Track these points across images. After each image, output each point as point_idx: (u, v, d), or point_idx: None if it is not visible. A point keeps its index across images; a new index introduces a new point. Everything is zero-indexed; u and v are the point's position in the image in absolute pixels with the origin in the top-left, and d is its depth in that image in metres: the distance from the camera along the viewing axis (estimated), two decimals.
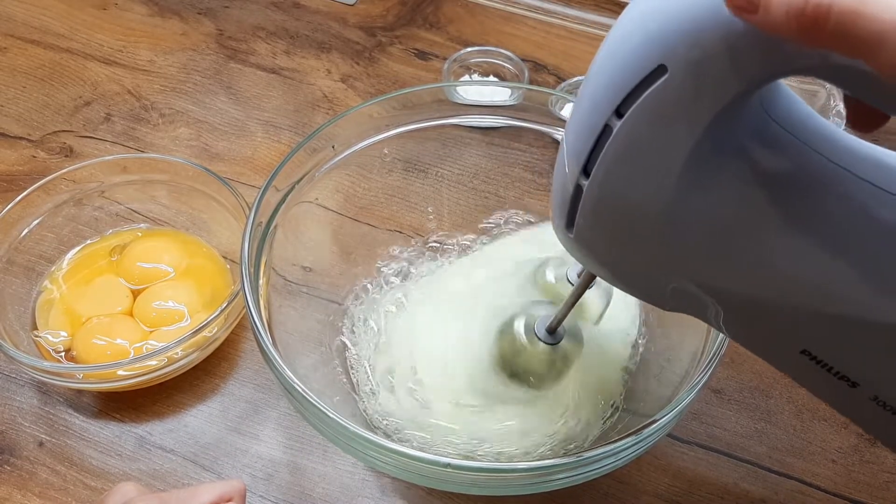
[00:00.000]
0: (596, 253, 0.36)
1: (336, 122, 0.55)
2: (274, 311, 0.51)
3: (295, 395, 0.44)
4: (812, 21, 0.24)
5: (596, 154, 0.32)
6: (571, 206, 0.35)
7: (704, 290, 0.35)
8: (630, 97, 0.30)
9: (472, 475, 0.41)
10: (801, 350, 0.34)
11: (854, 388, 0.34)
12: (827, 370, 0.34)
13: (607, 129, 0.31)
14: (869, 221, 0.31)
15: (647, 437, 0.42)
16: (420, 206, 0.62)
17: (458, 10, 0.84)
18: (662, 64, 0.29)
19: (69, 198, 0.62)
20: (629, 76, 0.30)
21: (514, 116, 0.59)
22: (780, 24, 0.24)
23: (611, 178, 0.32)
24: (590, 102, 0.32)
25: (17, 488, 0.52)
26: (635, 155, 0.31)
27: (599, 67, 0.32)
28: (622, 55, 0.30)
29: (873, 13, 0.23)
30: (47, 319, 0.58)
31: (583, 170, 0.33)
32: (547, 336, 0.48)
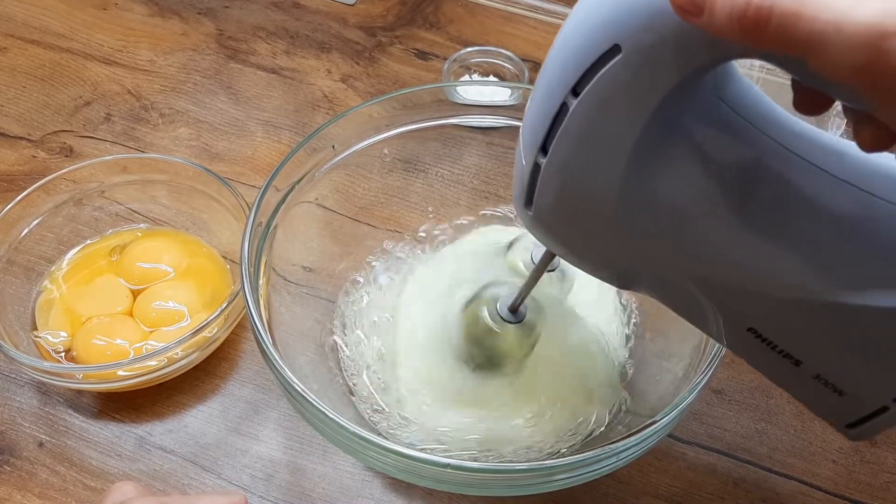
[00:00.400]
0: (553, 231, 0.37)
1: (336, 122, 0.55)
2: (274, 311, 0.51)
3: (295, 396, 0.44)
4: (754, 24, 0.24)
5: (553, 132, 0.33)
6: (530, 184, 0.35)
7: (655, 270, 0.36)
8: (586, 76, 0.31)
9: (471, 475, 0.41)
10: (747, 328, 0.35)
11: (798, 367, 0.35)
12: (772, 348, 0.35)
13: (564, 108, 0.32)
14: (815, 204, 0.32)
15: (647, 437, 0.42)
16: (420, 206, 0.62)
17: (458, 10, 0.84)
18: (617, 44, 0.29)
19: (69, 198, 0.62)
20: (585, 56, 0.30)
21: (514, 116, 0.59)
22: (724, 28, 0.25)
23: (566, 156, 0.33)
24: (548, 81, 0.33)
25: (16, 488, 0.52)
26: (590, 134, 0.32)
27: (558, 47, 0.32)
28: (579, 35, 0.31)
29: (813, 13, 0.23)
30: (47, 320, 0.58)
31: (541, 147, 0.34)
32: (510, 315, 0.48)
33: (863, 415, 0.36)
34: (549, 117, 0.33)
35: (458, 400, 0.51)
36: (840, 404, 0.36)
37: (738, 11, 0.24)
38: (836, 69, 0.23)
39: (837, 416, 0.37)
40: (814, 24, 0.23)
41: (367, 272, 0.59)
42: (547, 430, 0.50)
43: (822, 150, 0.32)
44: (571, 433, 0.51)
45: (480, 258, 0.57)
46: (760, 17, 0.24)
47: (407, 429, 0.51)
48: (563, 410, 0.51)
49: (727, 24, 0.25)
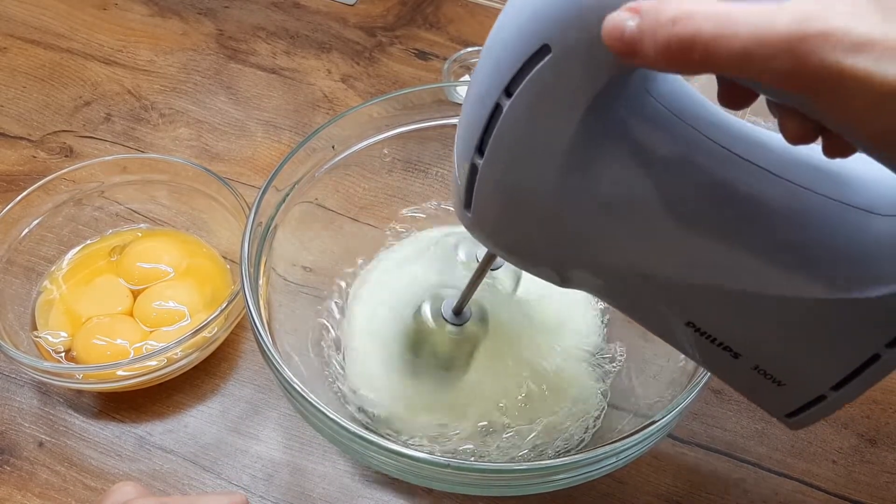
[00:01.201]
0: (492, 232, 0.37)
1: (336, 122, 0.55)
2: (274, 311, 0.51)
3: (294, 396, 0.44)
4: (680, 55, 0.25)
5: (489, 133, 0.33)
6: (468, 186, 0.35)
7: (594, 267, 0.36)
8: (518, 76, 0.31)
9: (471, 475, 0.41)
10: (686, 322, 0.36)
11: (737, 359, 0.36)
12: (710, 341, 0.36)
13: (498, 109, 0.32)
14: (745, 197, 0.32)
15: (647, 437, 0.42)
16: (421, 205, 0.62)
17: (458, 10, 0.84)
18: (546, 44, 0.29)
19: (69, 198, 0.62)
20: (515, 56, 0.30)
21: None
22: (657, 63, 0.26)
23: (502, 156, 0.33)
24: (482, 82, 0.33)
25: (16, 488, 0.52)
26: (524, 134, 0.32)
27: (490, 46, 0.32)
28: (510, 35, 0.31)
29: (733, 33, 0.24)
30: (47, 320, 0.58)
31: (477, 149, 0.34)
32: (453, 317, 0.48)
33: (801, 404, 0.36)
34: (483, 118, 0.33)
35: (418, 404, 0.51)
36: (779, 394, 0.36)
37: (662, 46, 0.25)
38: (764, 78, 0.24)
39: (777, 406, 0.37)
40: (736, 44, 0.24)
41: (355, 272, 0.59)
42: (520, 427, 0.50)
43: (750, 144, 0.32)
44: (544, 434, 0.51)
45: (429, 258, 0.56)
46: (684, 48, 0.25)
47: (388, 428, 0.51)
48: (528, 406, 0.51)
49: (657, 59, 0.25)
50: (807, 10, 0.24)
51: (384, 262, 0.59)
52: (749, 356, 0.36)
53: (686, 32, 0.25)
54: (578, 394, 0.52)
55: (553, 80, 0.30)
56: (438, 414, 0.50)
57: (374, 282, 0.57)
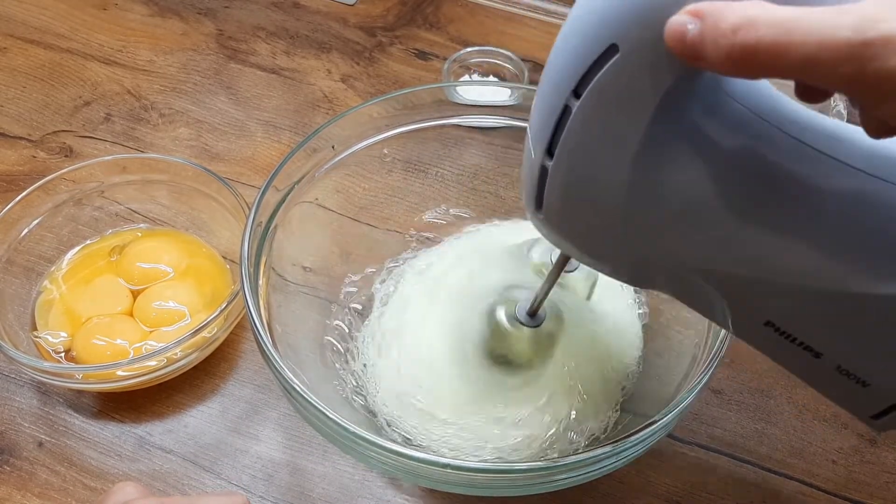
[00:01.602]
0: (564, 233, 0.37)
1: (336, 122, 0.55)
2: (274, 312, 0.51)
3: (294, 396, 0.44)
4: (742, 60, 0.25)
5: (558, 135, 0.33)
6: (539, 188, 0.35)
7: (669, 266, 0.36)
8: (586, 77, 0.31)
9: (471, 475, 0.41)
10: (765, 322, 0.35)
11: (818, 359, 0.35)
12: (791, 341, 0.35)
13: (567, 110, 0.32)
14: (826, 193, 0.32)
15: (647, 437, 0.42)
16: (420, 206, 0.62)
17: (458, 10, 0.84)
18: (614, 44, 0.29)
19: (69, 198, 0.62)
20: (584, 57, 0.30)
21: (514, 116, 0.59)
22: (721, 67, 0.26)
23: (572, 158, 0.33)
24: (550, 84, 0.33)
25: (16, 489, 0.52)
26: (594, 134, 0.32)
27: (558, 49, 0.32)
28: (577, 36, 0.31)
29: (799, 39, 0.24)
30: (47, 320, 0.58)
31: (546, 151, 0.34)
32: (528, 319, 0.48)
33: (888, 405, 0.35)
34: (552, 120, 0.33)
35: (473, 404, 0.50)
36: (864, 395, 0.35)
37: (725, 52, 0.25)
38: (827, 82, 0.25)
39: (862, 407, 0.37)
40: (800, 49, 0.24)
41: (367, 274, 0.59)
42: (559, 433, 0.50)
43: (831, 139, 0.32)
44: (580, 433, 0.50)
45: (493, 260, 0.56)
46: (747, 54, 0.25)
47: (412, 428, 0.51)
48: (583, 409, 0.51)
49: (722, 63, 0.26)
50: (868, 14, 0.24)
51: (430, 262, 0.58)
52: (831, 356, 0.35)
53: (749, 40, 0.25)
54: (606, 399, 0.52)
55: (621, 80, 0.30)
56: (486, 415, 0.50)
57: (426, 282, 0.57)
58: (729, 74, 0.27)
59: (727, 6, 0.25)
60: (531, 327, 0.49)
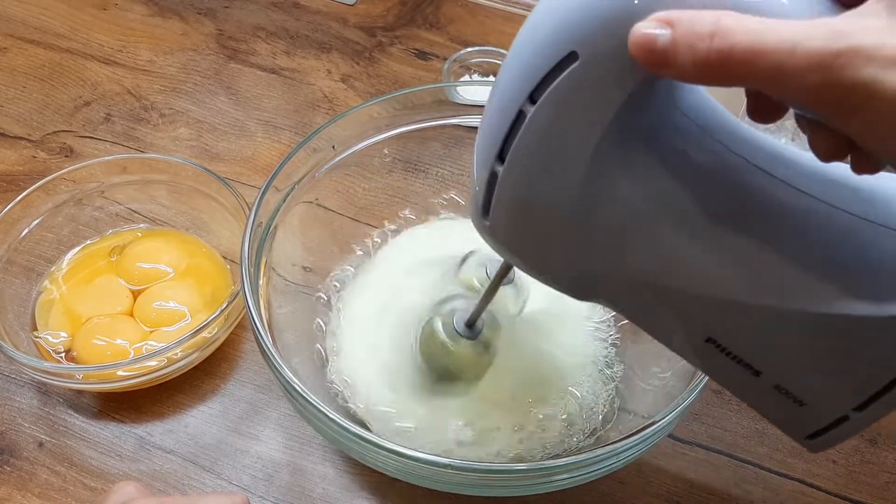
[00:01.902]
0: (510, 240, 0.37)
1: (336, 122, 0.55)
2: (274, 312, 0.51)
3: (295, 396, 0.44)
4: (717, 67, 0.25)
5: (510, 140, 0.32)
6: (487, 193, 0.35)
7: (614, 278, 0.36)
8: (543, 83, 0.30)
9: (471, 475, 0.41)
10: (706, 338, 0.35)
11: (757, 377, 0.35)
12: (731, 358, 0.35)
13: (521, 115, 0.32)
14: (770, 212, 0.32)
15: (647, 437, 0.42)
16: (420, 205, 0.62)
17: (459, 10, 0.84)
18: (574, 51, 0.29)
19: (69, 198, 0.62)
20: (542, 62, 0.30)
21: None
22: (690, 75, 0.26)
23: (524, 164, 0.33)
24: (505, 87, 0.32)
25: (17, 489, 0.52)
26: (548, 141, 0.32)
27: (515, 52, 0.32)
28: (536, 40, 0.31)
29: (770, 46, 0.24)
30: (47, 320, 0.58)
31: (498, 155, 0.33)
32: (466, 331, 0.48)
33: (823, 425, 0.35)
34: (505, 125, 0.32)
35: (427, 410, 0.51)
36: (800, 415, 0.35)
37: (701, 58, 0.25)
38: (794, 92, 0.25)
39: (797, 427, 0.37)
40: (771, 57, 0.24)
41: (349, 268, 0.59)
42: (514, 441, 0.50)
43: (776, 159, 0.32)
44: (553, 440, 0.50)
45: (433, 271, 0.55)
46: (721, 60, 0.25)
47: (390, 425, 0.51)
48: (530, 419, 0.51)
49: (692, 70, 0.26)
50: (839, 27, 0.24)
51: (377, 268, 0.58)
52: (770, 374, 0.35)
53: (724, 46, 0.25)
54: (584, 398, 0.52)
55: (579, 88, 0.30)
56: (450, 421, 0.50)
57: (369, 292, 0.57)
58: (697, 81, 0.27)
59: (699, 14, 0.26)
60: (470, 339, 0.49)
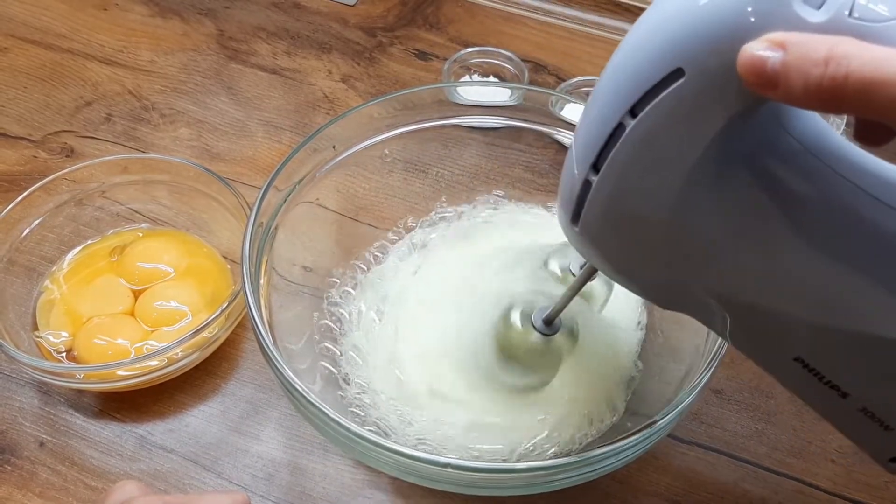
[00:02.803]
0: (599, 248, 0.37)
1: (337, 123, 0.55)
2: (274, 311, 0.51)
3: (296, 396, 0.44)
4: (830, 94, 0.24)
5: (607, 151, 0.32)
6: (578, 201, 0.35)
7: (705, 293, 0.36)
8: (646, 97, 0.30)
9: (471, 475, 0.41)
10: (794, 357, 0.35)
11: (844, 398, 0.35)
12: (818, 379, 0.35)
13: (620, 128, 0.31)
14: (873, 238, 0.31)
15: (647, 437, 0.42)
16: (420, 206, 0.62)
17: (459, 11, 0.84)
18: (680, 67, 0.29)
19: (70, 198, 0.62)
20: (646, 77, 0.30)
21: (514, 117, 0.59)
22: (800, 99, 0.25)
23: (620, 175, 0.33)
24: (605, 99, 0.32)
25: (17, 488, 0.52)
26: (646, 155, 0.32)
27: (617, 65, 0.32)
28: (641, 55, 0.30)
29: (889, 76, 0.23)
30: (48, 320, 0.58)
31: (592, 165, 0.33)
32: (543, 327, 0.48)
33: None
34: (603, 136, 0.32)
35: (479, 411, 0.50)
36: (885, 438, 0.35)
37: (814, 84, 0.25)
38: None
39: (880, 449, 0.37)
40: (891, 88, 0.23)
41: (361, 272, 0.59)
42: (566, 436, 0.50)
43: (886, 184, 0.31)
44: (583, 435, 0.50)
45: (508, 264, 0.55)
46: (836, 87, 0.24)
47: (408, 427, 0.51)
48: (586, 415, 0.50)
49: (804, 96, 0.25)
50: None
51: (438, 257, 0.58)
52: (858, 397, 0.35)
53: (839, 74, 0.24)
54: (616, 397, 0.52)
55: (683, 105, 0.30)
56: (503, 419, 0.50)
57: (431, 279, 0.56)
58: (807, 107, 0.26)
59: (814, 38, 0.25)
60: (547, 335, 0.48)
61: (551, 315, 0.47)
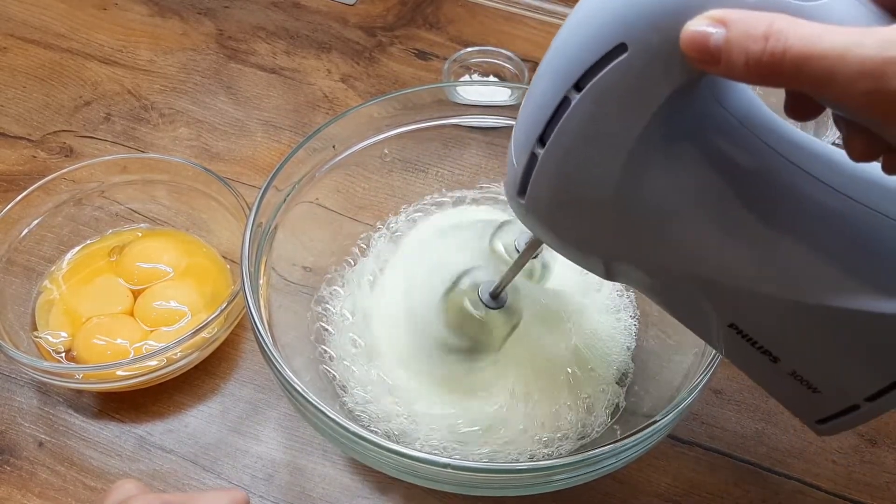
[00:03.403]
0: (544, 220, 0.37)
1: (336, 122, 0.55)
2: (274, 311, 0.51)
3: (295, 396, 0.44)
4: (769, 68, 0.26)
5: (553, 125, 0.33)
6: (524, 174, 0.36)
7: (643, 262, 0.37)
8: (590, 72, 0.31)
9: (470, 475, 0.41)
10: (728, 324, 0.36)
11: (775, 363, 0.36)
12: (751, 344, 0.36)
13: (566, 102, 0.32)
14: (806, 211, 0.33)
15: (647, 437, 0.42)
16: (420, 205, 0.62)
17: (459, 10, 0.84)
18: (623, 42, 0.30)
19: (69, 198, 0.62)
20: (591, 51, 0.31)
21: (515, 116, 0.59)
22: (740, 74, 0.26)
23: (565, 149, 0.34)
24: (551, 74, 0.33)
25: (16, 488, 0.52)
26: (590, 129, 0.33)
27: (563, 40, 0.32)
28: (586, 30, 0.31)
29: (822, 51, 0.25)
30: (47, 320, 0.58)
31: (539, 139, 0.34)
32: (490, 300, 0.49)
33: (834, 412, 0.37)
34: (549, 110, 0.33)
35: (443, 387, 0.51)
36: (813, 401, 0.37)
37: (754, 59, 0.26)
38: (843, 97, 0.25)
39: (809, 411, 0.38)
40: (823, 62, 0.25)
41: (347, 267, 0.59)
42: (536, 414, 0.50)
43: (815, 159, 0.33)
44: (566, 421, 0.50)
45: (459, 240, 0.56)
46: (774, 62, 0.25)
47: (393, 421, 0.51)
48: (549, 391, 0.51)
49: (744, 70, 0.26)
50: (892, 38, 0.24)
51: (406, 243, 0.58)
52: (788, 361, 0.36)
53: (777, 49, 0.25)
54: (594, 388, 0.52)
55: (626, 79, 0.30)
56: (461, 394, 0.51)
57: (397, 263, 0.57)
58: (746, 81, 0.27)
59: (753, 15, 0.26)
60: (495, 308, 0.49)
61: (497, 289, 0.48)
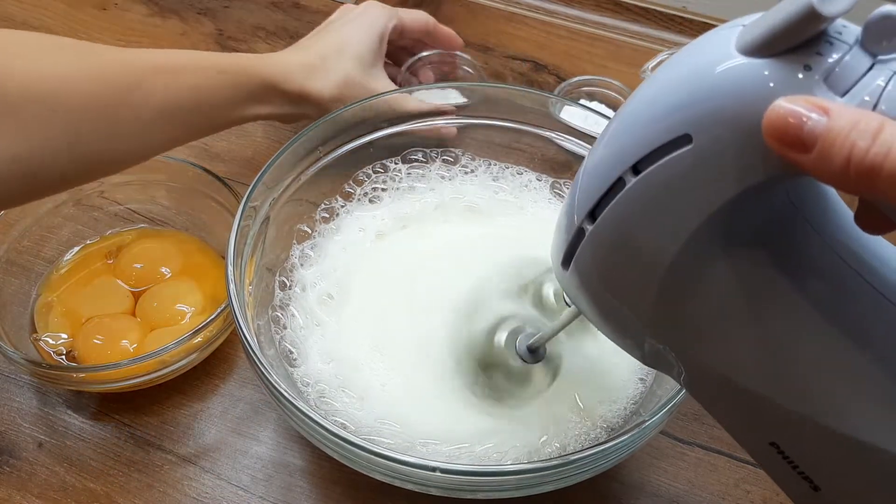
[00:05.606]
0: (586, 294, 0.36)
1: (326, 122, 0.55)
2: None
3: (282, 402, 0.43)
4: (868, 172, 0.22)
5: (605, 202, 0.32)
6: (571, 246, 0.35)
7: (683, 359, 0.35)
8: (649, 157, 0.29)
9: (459, 479, 0.41)
10: (770, 441, 0.34)
11: (816, 492, 0.34)
12: (792, 467, 0.34)
13: (620, 182, 0.31)
14: (878, 340, 0.30)
15: (637, 436, 0.42)
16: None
17: (459, 10, 0.84)
18: (688, 133, 0.28)
19: (68, 198, 0.62)
20: (652, 137, 0.29)
21: (514, 118, 0.59)
22: (833, 171, 0.23)
23: (615, 228, 0.32)
24: (608, 152, 0.32)
25: (16, 489, 0.52)
26: (643, 213, 0.31)
27: (624, 118, 0.31)
28: (649, 115, 0.29)
29: None
30: (47, 320, 0.58)
31: (589, 213, 0.33)
32: (527, 353, 0.47)
33: None
34: (603, 187, 0.31)
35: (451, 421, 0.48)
36: None
37: (858, 157, 0.22)
38: None
39: None
40: None
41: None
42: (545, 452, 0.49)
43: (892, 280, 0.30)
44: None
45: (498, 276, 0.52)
46: (875, 166, 0.22)
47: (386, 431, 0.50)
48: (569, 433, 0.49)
49: (841, 167, 0.23)
50: None
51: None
52: (830, 494, 0.34)
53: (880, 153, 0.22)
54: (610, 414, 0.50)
55: (688, 172, 0.28)
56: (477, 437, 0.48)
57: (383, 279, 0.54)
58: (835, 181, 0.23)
59: (862, 111, 0.23)
60: (529, 363, 0.48)
61: (536, 343, 0.47)
